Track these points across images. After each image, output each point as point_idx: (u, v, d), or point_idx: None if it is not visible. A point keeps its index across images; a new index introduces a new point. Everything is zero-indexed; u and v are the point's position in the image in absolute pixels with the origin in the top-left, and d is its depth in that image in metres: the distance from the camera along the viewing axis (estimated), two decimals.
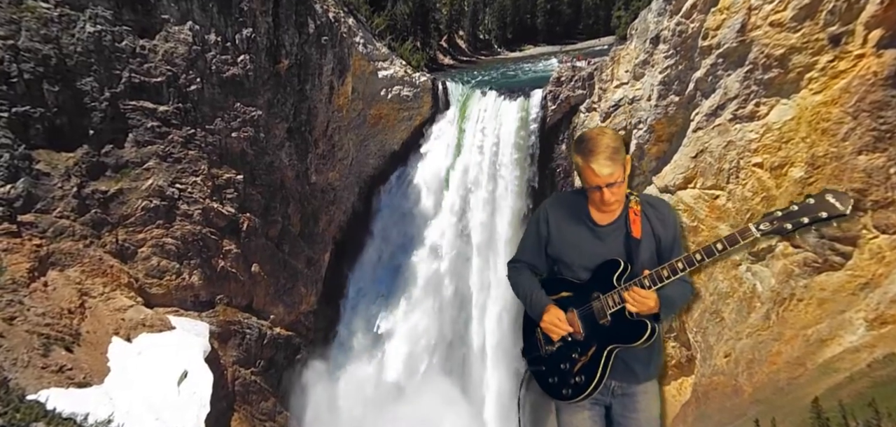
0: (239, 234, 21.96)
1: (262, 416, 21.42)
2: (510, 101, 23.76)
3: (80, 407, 16.02)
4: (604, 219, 2.46)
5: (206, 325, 20.84)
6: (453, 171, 24.66)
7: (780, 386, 15.53)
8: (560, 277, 2.52)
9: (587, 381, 2.38)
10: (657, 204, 2.51)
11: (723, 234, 10.72)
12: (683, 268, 2.26)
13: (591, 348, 2.37)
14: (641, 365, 2.49)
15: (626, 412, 2.53)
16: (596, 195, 2.36)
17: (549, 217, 2.54)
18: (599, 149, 2.29)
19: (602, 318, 2.36)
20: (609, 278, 2.37)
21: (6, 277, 15.67)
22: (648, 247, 2.42)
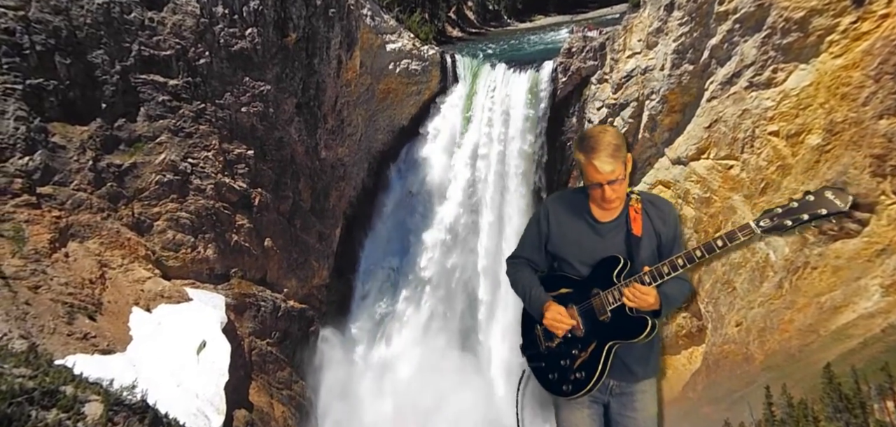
0: (251, 210, 22.20)
1: (278, 385, 22.02)
2: (520, 73, 23.45)
3: (105, 372, 16.58)
4: (605, 216, 2.47)
5: (221, 297, 21.27)
6: (462, 146, 24.56)
7: (792, 353, 15.61)
8: (560, 274, 2.53)
9: (587, 377, 2.39)
10: (658, 202, 2.53)
11: (736, 204, 10.78)
12: (683, 264, 2.26)
13: (591, 345, 2.38)
14: (640, 363, 2.50)
15: (624, 411, 2.55)
16: (597, 192, 2.37)
17: (550, 214, 2.55)
18: (601, 146, 2.31)
19: (602, 314, 2.37)
20: (609, 275, 2.38)
21: (29, 247, 16.07)
22: (649, 244, 2.43)
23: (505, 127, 23.45)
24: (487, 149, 23.75)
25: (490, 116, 23.82)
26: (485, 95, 23.94)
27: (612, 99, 21.13)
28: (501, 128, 23.50)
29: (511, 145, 23.44)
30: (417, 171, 24.90)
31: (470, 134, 24.32)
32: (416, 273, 24.76)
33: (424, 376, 22.13)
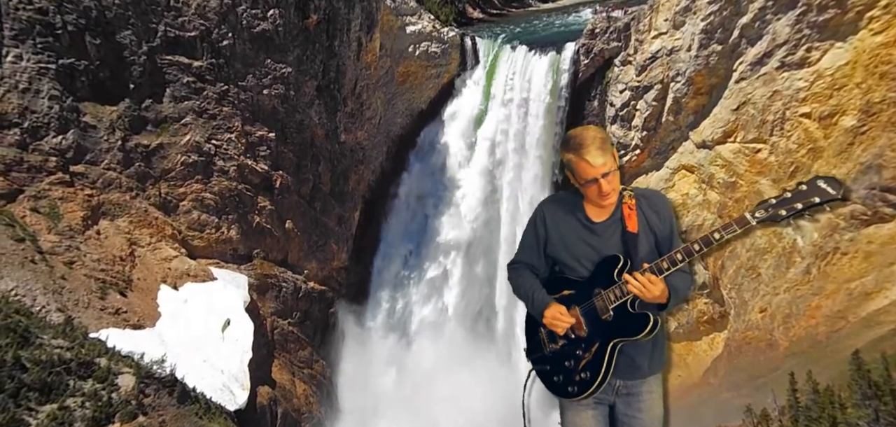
0: (273, 192, 22.49)
1: (300, 363, 22.49)
2: (541, 56, 23.15)
3: (135, 346, 17.13)
4: (600, 215, 2.45)
5: (244, 277, 21.70)
6: (481, 131, 24.44)
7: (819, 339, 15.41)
8: (561, 276, 2.53)
9: (592, 377, 2.38)
10: (651, 196, 2.51)
11: (764, 189, 10.57)
12: (682, 259, 2.26)
13: (595, 344, 2.38)
14: (646, 359, 2.49)
15: (629, 411, 2.54)
16: (593, 189, 2.35)
17: (547, 217, 2.54)
18: (588, 141, 2.31)
19: (604, 313, 2.37)
20: (609, 274, 2.37)
21: (63, 224, 16.52)
22: (646, 240, 2.42)
23: (525, 111, 23.25)
24: (507, 133, 23.61)
25: (510, 100, 23.62)
26: (505, 79, 23.73)
27: (636, 81, 20.77)
28: (521, 112, 23.30)
29: (530, 130, 23.25)
30: (436, 156, 24.89)
31: (489, 118, 24.17)
32: (434, 257, 24.90)
33: (442, 359, 22.38)
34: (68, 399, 14.57)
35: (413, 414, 21.62)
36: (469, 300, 24.29)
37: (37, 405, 14.01)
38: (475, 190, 24.31)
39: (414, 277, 25.07)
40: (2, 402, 13.33)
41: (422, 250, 25.12)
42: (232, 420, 17.64)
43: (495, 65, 24.33)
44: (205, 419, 16.71)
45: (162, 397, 16.23)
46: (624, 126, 21.27)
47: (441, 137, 25.03)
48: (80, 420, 14.44)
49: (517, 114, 23.40)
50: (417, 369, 22.73)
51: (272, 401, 20.64)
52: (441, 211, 24.77)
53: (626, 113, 21.11)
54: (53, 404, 14.23)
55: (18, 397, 13.65)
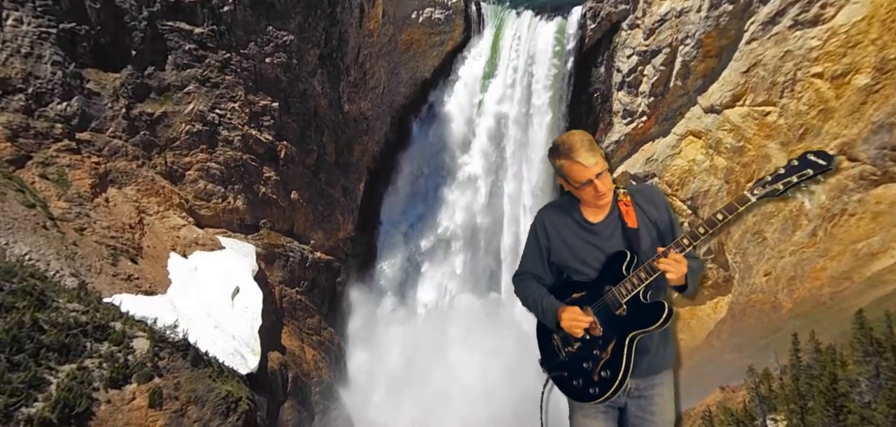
0: (277, 162, 22.49)
1: (309, 330, 22.92)
2: (546, 21, 22.70)
3: (148, 312, 17.48)
4: (597, 216, 2.46)
5: (252, 246, 21.92)
6: (486, 98, 24.19)
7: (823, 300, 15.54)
8: (568, 281, 2.52)
9: (613, 375, 2.37)
10: (644, 189, 2.54)
11: (772, 152, 10.42)
12: (704, 232, 2.31)
13: (612, 341, 2.38)
14: (657, 354, 2.51)
15: (642, 414, 2.53)
16: (588, 190, 2.36)
17: (547, 225, 2.54)
18: (577, 144, 2.34)
19: (618, 308, 2.37)
20: (618, 270, 2.39)
21: (72, 191, 16.64)
22: (647, 235, 2.43)
23: (530, 77, 22.95)
24: (512, 100, 23.36)
25: (515, 67, 23.29)
26: (510, 45, 23.34)
27: (643, 46, 20.40)
28: (526, 79, 23.00)
29: (536, 96, 23.00)
30: (440, 125, 24.72)
31: (494, 85, 23.89)
32: (439, 227, 25.02)
33: (448, 324, 22.74)
34: (86, 360, 14.99)
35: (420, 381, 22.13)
36: (474, 267, 24.51)
37: (56, 365, 14.44)
38: (479, 158, 24.25)
39: (419, 246, 25.26)
40: (23, 362, 13.75)
41: (427, 220, 25.23)
42: (245, 383, 18.11)
43: (500, 30, 23.90)
44: (218, 382, 17.18)
45: (176, 360, 16.65)
46: (631, 92, 21.00)
47: (445, 106, 24.82)
48: (99, 380, 14.88)
49: (522, 80, 23.12)
50: (424, 336, 23.15)
51: (283, 365, 21.13)
52: (445, 180, 24.77)
53: (633, 78, 20.81)
54: (72, 364, 14.66)
55: (39, 357, 14.07)
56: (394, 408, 22.17)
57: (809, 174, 2.23)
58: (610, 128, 21.75)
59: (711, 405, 14.31)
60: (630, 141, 21.33)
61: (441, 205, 24.86)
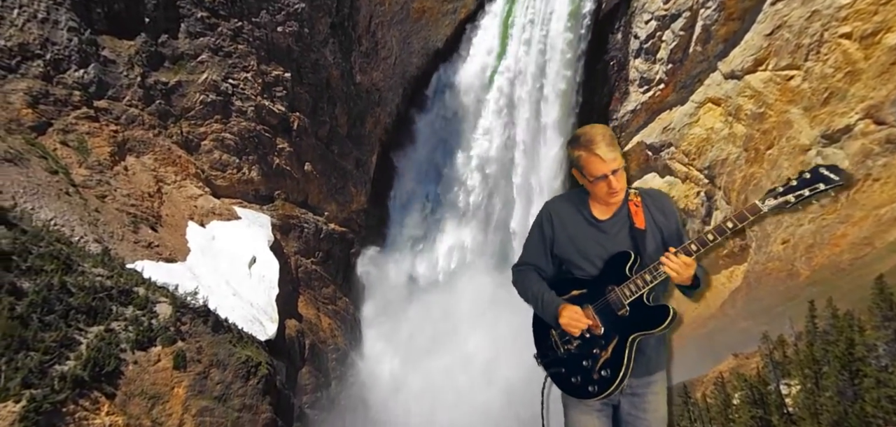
0: (290, 133, 22.52)
1: (324, 300, 23.32)
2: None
3: (169, 278, 17.89)
4: (605, 213, 2.44)
5: (267, 217, 22.16)
6: (500, 67, 23.85)
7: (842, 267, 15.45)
8: (568, 276, 2.49)
9: (613, 374, 2.36)
10: (655, 194, 2.52)
11: (793, 118, 10.18)
12: (712, 239, 2.30)
13: (613, 341, 2.37)
14: (653, 353, 2.50)
15: (635, 411, 2.53)
16: (602, 185, 2.34)
17: (553, 218, 2.51)
18: (598, 138, 2.32)
19: (620, 309, 2.36)
20: (621, 270, 2.37)
21: (92, 159, 16.84)
22: (653, 238, 2.42)
23: (544, 47, 22.53)
24: (526, 70, 23.01)
25: (528, 37, 22.86)
26: (523, 14, 22.86)
27: (663, 10, 19.89)
28: (540, 48, 22.59)
29: (549, 66, 22.62)
30: (453, 96, 24.49)
31: (508, 54, 23.50)
32: (451, 199, 25.05)
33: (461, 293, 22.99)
34: (112, 323, 15.44)
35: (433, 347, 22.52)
36: (485, 240, 24.61)
37: (85, 326, 14.89)
38: (492, 128, 24.05)
39: (431, 218, 25.36)
40: (54, 322, 14.19)
41: (438, 192, 25.26)
42: (264, 349, 18.57)
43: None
44: (238, 347, 17.64)
45: (197, 325, 17.09)
46: (648, 59, 20.58)
47: (458, 76, 24.52)
48: (125, 341, 15.35)
49: (536, 49, 22.71)
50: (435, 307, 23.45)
51: (300, 333, 21.60)
52: (457, 152, 24.67)
53: (651, 45, 20.36)
54: (100, 326, 15.11)
55: (68, 318, 14.50)
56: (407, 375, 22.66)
57: (821, 188, 2.22)
58: (625, 97, 21.42)
59: (724, 372, 14.44)
60: (646, 110, 21.02)
61: (453, 178, 24.83)
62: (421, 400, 21.74)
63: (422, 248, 25.45)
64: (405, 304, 24.50)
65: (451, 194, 24.94)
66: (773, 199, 2.27)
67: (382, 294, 24.50)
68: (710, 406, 12.26)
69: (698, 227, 20.47)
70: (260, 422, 17.04)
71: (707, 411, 12.20)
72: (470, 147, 24.56)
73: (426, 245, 25.44)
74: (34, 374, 13.29)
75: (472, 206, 24.72)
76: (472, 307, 22.46)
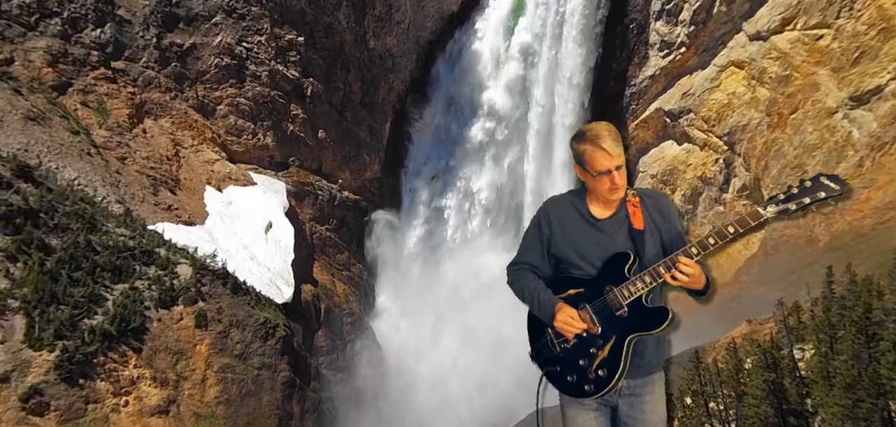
0: (304, 99, 22.43)
1: (339, 266, 23.66)
2: None
3: (188, 241, 18.22)
4: (604, 212, 2.43)
5: (282, 183, 22.31)
6: (514, 35, 23.36)
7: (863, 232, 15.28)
8: (566, 276, 2.47)
9: (610, 373, 2.35)
10: (654, 194, 2.50)
11: (820, 80, 9.90)
12: (714, 242, 2.30)
13: (610, 341, 2.35)
14: (651, 354, 2.48)
15: (633, 412, 2.51)
16: (605, 180, 2.33)
17: (551, 217, 2.50)
18: (604, 133, 2.32)
19: (619, 309, 2.34)
20: (620, 271, 2.35)
21: (112, 120, 16.98)
22: (652, 239, 2.40)
23: (561, 9, 21.95)
24: (543, 33, 22.49)
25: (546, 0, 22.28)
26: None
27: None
28: (557, 11, 22.02)
29: (567, 31, 22.08)
30: (467, 61, 24.10)
31: (523, 21, 22.98)
32: (464, 167, 24.97)
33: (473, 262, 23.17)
34: (136, 281, 15.87)
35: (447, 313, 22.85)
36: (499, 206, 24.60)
37: (111, 283, 15.34)
38: (507, 93, 23.71)
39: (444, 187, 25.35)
40: (82, 278, 14.63)
41: (451, 161, 25.16)
42: (281, 311, 18.99)
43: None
44: (256, 308, 18.06)
45: (217, 287, 17.49)
46: (670, 21, 20.01)
47: (473, 41, 24.07)
48: (149, 300, 15.80)
49: (554, 11, 22.14)
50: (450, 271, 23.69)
51: (315, 297, 22.01)
52: (472, 118, 24.43)
53: (673, 6, 19.77)
54: (125, 284, 15.54)
55: (95, 275, 14.94)
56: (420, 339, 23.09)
57: (822, 197, 2.24)
58: (645, 62, 20.93)
59: (737, 337, 14.50)
60: (666, 75, 20.57)
61: (467, 145, 24.68)
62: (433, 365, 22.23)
63: (435, 215, 25.55)
64: (418, 271, 24.77)
65: (464, 163, 24.84)
66: (775, 206, 2.30)
67: (396, 261, 24.77)
68: (721, 370, 12.37)
69: (715, 195, 20.27)
70: (279, 380, 17.58)
71: (718, 376, 12.33)
72: (483, 116, 24.31)
73: (439, 212, 25.52)
74: (65, 326, 13.81)
75: (484, 176, 24.63)
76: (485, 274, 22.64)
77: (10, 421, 11.92)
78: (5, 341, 12.62)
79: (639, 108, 21.40)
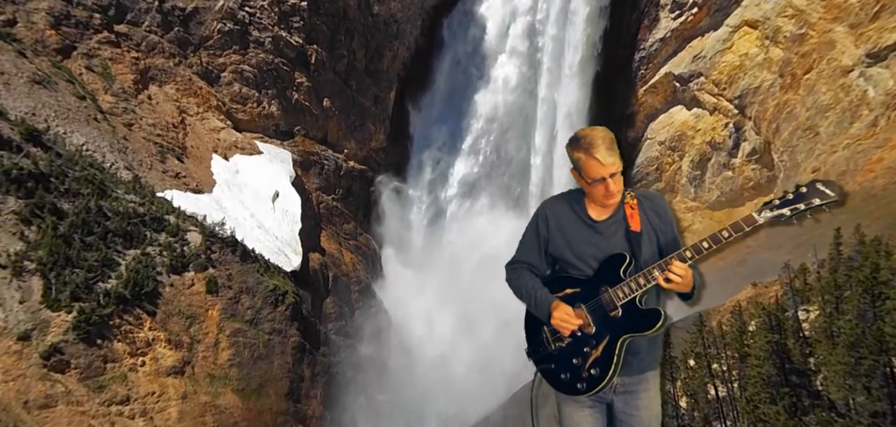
0: (308, 67, 22.18)
1: (346, 235, 23.83)
2: None
3: (197, 208, 18.32)
4: (601, 214, 2.45)
5: (288, 152, 22.28)
6: None
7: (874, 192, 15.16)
8: (563, 275, 2.50)
9: (602, 372, 2.37)
10: (651, 197, 2.51)
11: (837, 37, 9.63)
12: (708, 246, 2.29)
13: (604, 340, 2.38)
14: (646, 354, 2.51)
15: (628, 409, 2.53)
16: (599, 188, 2.34)
17: (549, 217, 2.52)
18: (598, 141, 2.32)
19: (612, 310, 2.36)
20: (616, 272, 2.37)
21: (117, 85, 16.88)
22: (649, 241, 2.42)
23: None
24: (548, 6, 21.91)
25: None
26: None
27: None
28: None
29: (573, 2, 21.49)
30: (474, 25, 23.60)
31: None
32: (470, 137, 24.77)
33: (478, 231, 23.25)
34: (147, 247, 16.08)
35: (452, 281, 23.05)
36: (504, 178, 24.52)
37: (123, 249, 15.55)
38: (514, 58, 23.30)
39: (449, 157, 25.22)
40: (95, 243, 14.82)
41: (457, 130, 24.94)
42: (290, 279, 19.22)
43: None
44: (266, 276, 18.30)
45: (226, 254, 17.69)
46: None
47: (478, 8, 23.53)
48: (161, 266, 16.02)
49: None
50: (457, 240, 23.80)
51: (323, 265, 22.25)
52: (477, 89, 24.10)
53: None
54: (137, 250, 15.76)
55: (107, 240, 15.13)
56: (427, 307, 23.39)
57: (816, 204, 2.22)
58: (655, 24, 20.47)
59: (742, 301, 14.57)
60: (676, 37, 20.13)
61: (473, 113, 24.42)
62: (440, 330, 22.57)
63: (440, 184, 25.49)
64: (424, 240, 24.90)
65: (470, 133, 24.63)
66: (770, 212, 2.30)
67: (402, 230, 24.88)
68: (726, 333, 12.50)
69: (724, 160, 20.08)
70: (289, 344, 17.94)
71: (722, 338, 12.46)
72: (489, 84, 23.96)
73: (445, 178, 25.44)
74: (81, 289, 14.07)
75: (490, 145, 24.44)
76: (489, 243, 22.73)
77: (33, 377, 12.28)
78: (24, 301, 12.89)
79: (648, 73, 21.03)
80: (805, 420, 8.91)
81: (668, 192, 21.43)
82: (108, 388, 13.60)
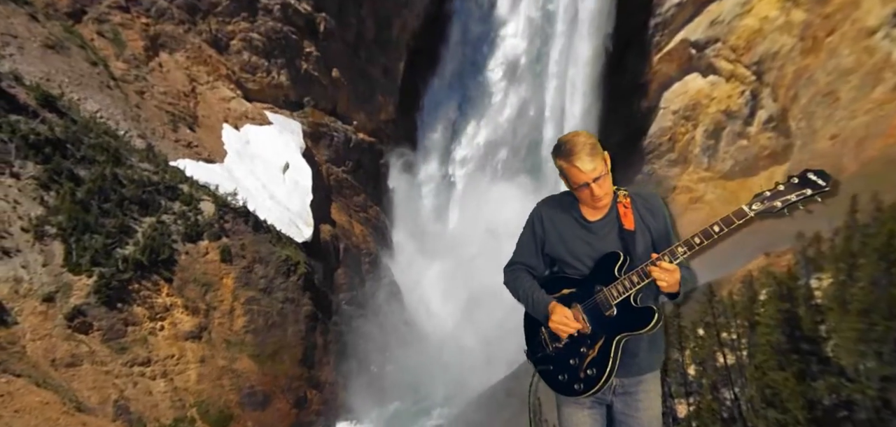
0: (317, 36, 21.92)
1: (356, 208, 23.94)
2: None
3: (209, 178, 18.43)
4: (595, 214, 2.47)
5: (298, 123, 22.23)
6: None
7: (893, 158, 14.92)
8: (560, 275, 2.52)
9: (599, 373, 2.39)
10: (645, 195, 2.51)
11: None
12: (699, 242, 2.28)
13: (600, 341, 2.39)
14: (645, 354, 2.51)
15: (628, 410, 2.53)
16: (585, 193, 2.36)
17: (544, 218, 2.55)
18: (578, 147, 2.32)
19: (607, 309, 2.37)
20: (610, 270, 2.39)
21: (128, 52, 16.81)
22: (643, 239, 2.43)
23: None
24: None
25: None
26: None
27: None
28: None
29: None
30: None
31: None
32: (480, 110, 24.53)
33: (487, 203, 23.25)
34: (163, 215, 16.27)
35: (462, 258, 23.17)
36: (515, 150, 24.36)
37: (139, 216, 15.75)
38: (525, 31, 22.90)
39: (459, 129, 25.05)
40: (112, 209, 15.02)
41: (467, 102, 24.71)
42: (301, 250, 19.41)
43: None
44: (278, 246, 18.50)
45: (239, 224, 17.86)
46: None
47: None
48: (176, 234, 16.22)
49: None
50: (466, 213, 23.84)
51: (334, 237, 22.44)
52: (488, 56, 23.75)
53: None
54: (152, 217, 15.95)
55: (123, 207, 15.32)
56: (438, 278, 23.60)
57: (808, 194, 2.21)
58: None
59: (753, 270, 14.52)
60: (694, 1, 19.59)
61: (483, 84, 24.13)
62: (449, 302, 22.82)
63: (450, 155, 25.39)
64: (433, 213, 24.97)
65: (480, 105, 24.37)
66: (761, 204, 2.29)
67: (411, 202, 24.94)
68: (736, 303, 12.50)
69: (739, 129, 19.77)
70: (302, 313, 18.24)
71: (732, 307, 12.48)
72: (500, 55, 23.57)
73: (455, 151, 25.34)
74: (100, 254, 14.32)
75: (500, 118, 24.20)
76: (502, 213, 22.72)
77: (59, 336, 12.64)
78: (47, 264, 13.17)
79: (663, 40, 20.55)
80: (814, 385, 8.99)
81: (680, 163, 21.20)
82: (129, 349, 13.97)
